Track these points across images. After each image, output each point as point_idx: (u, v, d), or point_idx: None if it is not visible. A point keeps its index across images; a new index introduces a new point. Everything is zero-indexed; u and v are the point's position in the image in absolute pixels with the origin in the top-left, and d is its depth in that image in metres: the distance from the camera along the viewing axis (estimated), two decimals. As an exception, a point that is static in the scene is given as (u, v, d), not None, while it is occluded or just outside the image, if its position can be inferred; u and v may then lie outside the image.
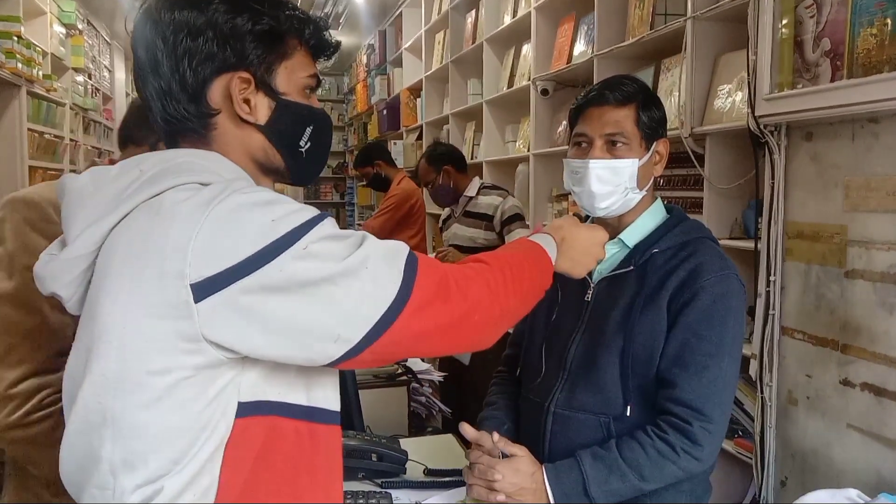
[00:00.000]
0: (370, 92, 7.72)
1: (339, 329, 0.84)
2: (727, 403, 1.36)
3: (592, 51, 2.99)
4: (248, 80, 0.94)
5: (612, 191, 1.41)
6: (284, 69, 0.97)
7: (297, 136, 0.99)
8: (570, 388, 1.42)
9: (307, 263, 0.82)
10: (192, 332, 0.80)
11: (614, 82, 1.45)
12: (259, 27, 0.94)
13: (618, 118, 1.41)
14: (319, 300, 0.83)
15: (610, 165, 1.40)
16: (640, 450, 1.31)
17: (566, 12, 3.43)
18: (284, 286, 0.81)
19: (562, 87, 3.55)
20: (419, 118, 6.02)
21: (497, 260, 1.02)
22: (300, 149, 1.00)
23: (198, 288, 0.79)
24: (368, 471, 1.63)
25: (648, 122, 1.42)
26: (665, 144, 1.47)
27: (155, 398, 0.82)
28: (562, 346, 1.46)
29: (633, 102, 1.41)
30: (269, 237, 0.81)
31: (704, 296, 1.33)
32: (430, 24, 5.63)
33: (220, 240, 0.81)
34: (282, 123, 0.98)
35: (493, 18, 4.32)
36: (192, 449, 0.83)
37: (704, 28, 2.30)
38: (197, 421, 0.83)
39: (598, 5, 2.94)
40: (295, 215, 0.84)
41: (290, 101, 0.98)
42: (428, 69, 5.69)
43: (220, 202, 0.82)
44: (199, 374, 0.83)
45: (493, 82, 4.35)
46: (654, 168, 1.46)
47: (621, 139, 1.40)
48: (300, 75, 0.99)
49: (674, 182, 2.51)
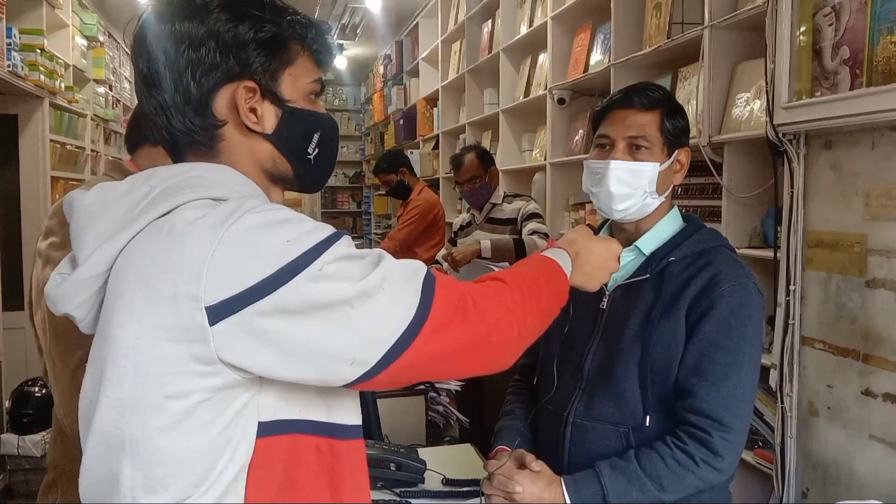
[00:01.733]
0: (387, 102, 7.76)
1: (355, 352, 0.82)
2: (747, 413, 1.35)
3: (609, 60, 2.99)
4: (253, 89, 0.93)
5: (631, 193, 1.41)
6: (289, 76, 0.95)
7: (304, 142, 0.98)
8: (588, 397, 1.42)
9: (323, 285, 0.81)
10: (208, 355, 0.79)
11: (640, 87, 1.45)
12: (261, 35, 0.92)
13: (642, 122, 1.41)
14: (335, 323, 0.81)
15: (630, 167, 1.40)
16: (660, 461, 1.31)
17: (582, 21, 3.44)
18: (300, 309, 0.80)
19: (578, 96, 3.56)
20: (435, 128, 6.04)
21: (514, 278, 1.00)
22: (308, 155, 0.98)
23: (213, 311, 0.78)
24: (387, 480, 1.63)
25: (672, 130, 1.42)
26: (686, 154, 1.47)
27: (173, 422, 0.81)
28: (578, 354, 1.45)
29: (658, 108, 1.42)
30: (284, 259, 0.80)
31: (723, 305, 1.33)
32: (446, 34, 5.66)
33: (235, 262, 0.80)
34: (289, 131, 0.96)
35: (510, 28, 4.33)
36: (214, 471, 0.82)
37: (722, 36, 2.29)
38: (217, 443, 0.82)
39: (614, 14, 2.95)
40: (310, 235, 0.83)
41: (296, 108, 0.96)
42: (444, 79, 5.71)
43: (234, 222, 0.81)
44: (217, 396, 0.82)
45: (509, 92, 4.36)
46: (675, 176, 1.46)
47: (644, 143, 1.40)
48: (305, 81, 0.97)
49: (692, 191, 2.50)
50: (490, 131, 4.87)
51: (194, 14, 0.90)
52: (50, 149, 4.40)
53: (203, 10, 0.90)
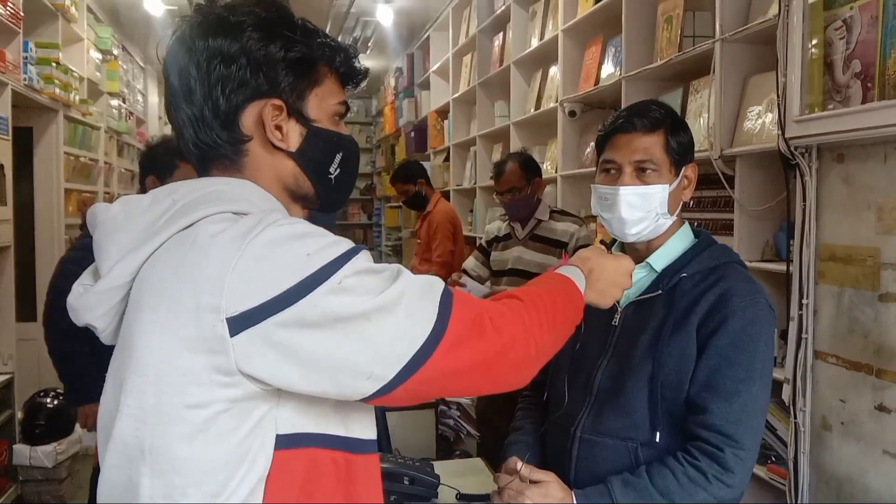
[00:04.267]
0: (398, 114, 7.79)
1: (372, 366, 0.83)
2: (758, 429, 1.35)
3: (620, 73, 3.00)
4: (280, 108, 0.95)
5: (643, 217, 1.40)
6: (315, 96, 0.97)
7: (327, 162, 0.99)
8: (596, 413, 1.41)
9: (342, 298, 0.82)
10: (228, 366, 0.81)
11: (642, 108, 1.45)
12: (291, 55, 0.94)
13: (647, 145, 1.41)
14: (354, 337, 0.82)
15: (640, 192, 1.40)
16: (671, 476, 1.30)
17: (593, 35, 3.44)
18: (319, 322, 0.81)
19: (589, 109, 3.56)
20: (446, 140, 6.05)
21: (530, 296, 1.00)
22: (330, 175, 1.00)
23: (233, 322, 0.80)
24: (400, 494, 1.63)
25: (677, 148, 1.42)
26: (693, 169, 1.47)
27: (193, 431, 0.82)
28: (588, 370, 1.45)
29: (661, 128, 1.41)
30: (305, 271, 0.81)
31: (734, 321, 1.32)
32: (457, 47, 5.68)
33: (256, 274, 0.81)
34: (313, 150, 0.98)
35: (521, 41, 4.35)
36: (232, 482, 0.83)
37: (733, 50, 2.29)
38: (236, 453, 0.83)
39: (625, 28, 2.95)
40: (330, 249, 0.84)
41: (320, 129, 0.98)
42: (455, 92, 5.74)
43: (256, 235, 0.82)
44: (236, 407, 0.83)
45: (520, 104, 4.37)
46: (683, 193, 1.46)
47: (651, 166, 1.40)
48: (330, 102, 0.99)
49: (703, 204, 2.49)
50: (501, 144, 4.87)
51: (227, 31, 0.93)
52: (64, 161, 4.45)
53: (236, 27, 0.93)
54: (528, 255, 3.10)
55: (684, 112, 2.63)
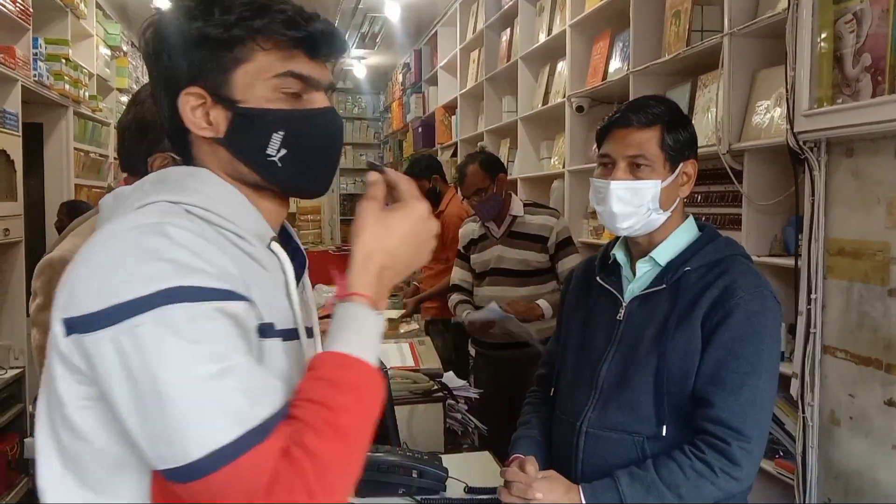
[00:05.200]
0: (405, 110, 7.79)
1: (158, 445, 0.74)
2: (765, 422, 1.35)
3: (628, 67, 2.99)
4: (201, 95, 0.89)
5: (633, 211, 1.41)
6: (244, 74, 0.88)
7: (261, 145, 0.89)
8: (602, 407, 1.42)
9: (164, 336, 0.73)
10: (68, 364, 0.78)
11: (640, 104, 1.46)
12: (204, 36, 0.87)
13: (641, 140, 1.41)
14: (162, 392, 0.73)
15: (631, 186, 1.41)
16: (678, 470, 1.30)
17: (601, 30, 3.44)
18: (135, 350, 0.74)
19: (597, 104, 3.55)
20: (454, 135, 6.05)
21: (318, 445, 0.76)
22: (270, 158, 0.89)
23: (66, 323, 0.77)
24: (409, 487, 1.64)
25: (674, 145, 1.42)
26: (693, 165, 1.47)
27: (72, 425, 0.81)
28: (593, 364, 1.45)
29: (657, 124, 1.42)
30: (124, 295, 0.74)
31: (739, 314, 1.33)
32: (465, 42, 5.68)
33: (87, 282, 0.77)
34: (240, 134, 0.89)
35: (528, 36, 4.34)
36: (133, 478, 0.81)
37: (742, 44, 2.29)
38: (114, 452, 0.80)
39: (633, 22, 2.95)
40: (181, 276, 0.76)
41: (248, 109, 0.88)
42: (463, 87, 5.73)
43: (114, 239, 0.79)
44: (97, 406, 0.79)
45: (527, 99, 4.37)
46: (681, 189, 1.46)
47: (643, 161, 1.41)
48: (266, 77, 0.88)
49: (711, 198, 2.49)
50: (508, 139, 4.87)
51: (157, 25, 0.91)
52: (74, 157, 4.47)
53: (162, 22, 0.91)
54: (508, 254, 3.05)
55: (692, 107, 2.62)
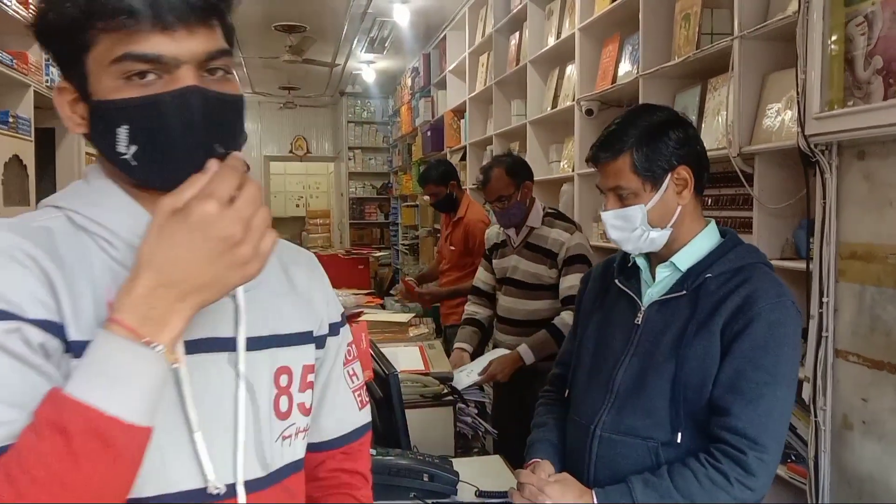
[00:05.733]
0: (414, 114, 7.81)
1: None
2: (782, 433, 1.34)
3: (637, 71, 2.99)
4: (67, 89, 0.81)
5: (629, 236, 1.45)
6: (93, 63, 0.77)
7: (111, 142, 0.78)
8: (617, 411, 1.42)
9: None
10: None
11: (605, 137, 1.48)
12: (49, 24, 0.78)
13: (615, 171, 1.44)
14: None
15: (620, 214, 1.45)
16: (693, 478, 1.30)
17: (610, 33, 3.44)
18: None
19: (606, 108, 3.55)
20: (463, 139, 6.06)
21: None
22: (123, 156, 0.77)
23: None
24: (420, 491, 1.64)
25: (649, 165, 1.42)
26: (686, 170, 1.45)
27: None
28: (609, 368, 1.45)
29: (624, 152, 1.43)
30: None
31: (759, 323, 1.32)
32: (473, 46, 5.69)
33: None
34: (97, 130, 0.80)
35: (537, 40, 4.34)
36: None
37: (752, 47, 2.28)
38: None
39: (642, 26, 2.94)
40: None
41: (97, 102, 0.78)
42: (472, 91, 5.74)
43: None
44: None
45: (536, 103, 4.37)
46: (678, 197, 1.45)
47: (623, 190, 1.44)
48: (106, 63, 0.76)
49: (722, 202, 2.48)
50: (518, 142, 4.87)
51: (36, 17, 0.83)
52: (86, 161, 4.50)
53: (39, 11, 0.82)
54: (522, 265, 2.94)
55: (702, 110, 2.62)
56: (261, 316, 0.88)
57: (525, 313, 2.92)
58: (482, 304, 3.21)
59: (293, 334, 0.93)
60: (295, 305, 0.95)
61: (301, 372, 0.93)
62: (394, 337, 3.49)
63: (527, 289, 2.93)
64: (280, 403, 0.90)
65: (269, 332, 0.89)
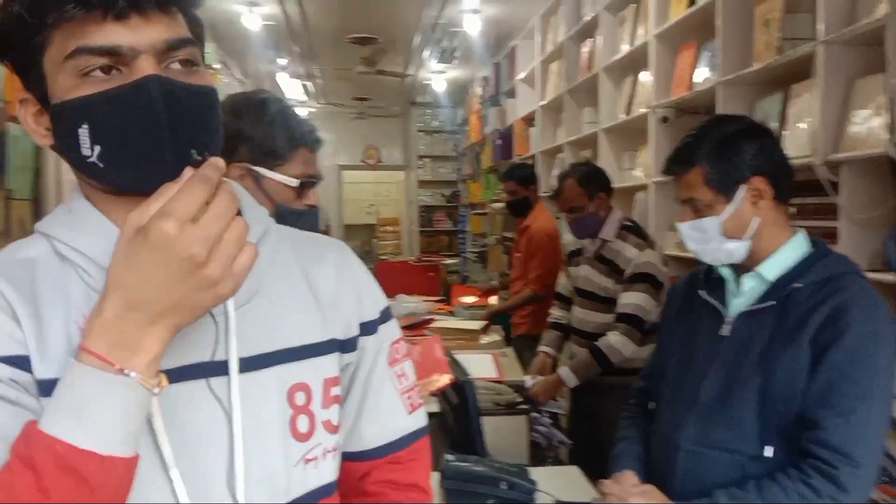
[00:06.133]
0: (483, 123, 7.85)
1: None
2: (877, 448, 1.30)
3: (715, 77, 2.94)
4: (30, 101, 0.76)
5: (706, 248, 1.45)
6: (49, 64, 0.72)
7: (74, 145, 0.72)
8: (702, 424, 1.40)
9: None
10: None
11: (677, 150, 1.50)
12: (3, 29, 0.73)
13: (688, 184, 1.46)
14: None
15: (695, 226, 1.45)
16: (782, 493, 1.27)
17: (686, 39, 3.39)
18: None
19: (682, 115, 3.50)
20: (532, 147, 6.06)
21: None
22: (88, 159, 0.71)
23: None
24: (497, 498, 1.65)
25: (720, 177, 1.42)
26: (761, 181, 1.43)
27: None
28: (694, 380, 1.44)
29: (695, 165, 1.44)
30: None
31: (851, 334, 1.29)
32: (544, 55, 5.69)
33: None
34: (58, 136, 0.74)
35: (610, 47, 4.31)
36: None
37: (837, 52, 2.22)
38: None
39: (720, 32, 2.90)
40: None
41: (55, 105, 0.73)
42: (542, 99, 5.74)
43: None
44: None
45: (609, 110, 4.34)
46: (755, 209, 1.43)
47: (697, 203, 1.44)
48: (60, 60, 0.71)
49: (805, 211, 2.42)
50: (589, 150, 4.84)
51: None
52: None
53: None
54: (594, 277, 2.88)
55: (784, 117, 2.56)
56: (263, 331, 0.81)
57: (594, 326, 2.87)
58: (566, 308, 3.16)
59: (308, 346, 0.85)
60: (311, 313, 0.87)
61: (322, 386, 0.85)
62: (465, 344, 3.53)
63: (597, 301, 2.89)
64: (298, 424, 0.82)
65: (275, 348, 0.82)
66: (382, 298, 0.97)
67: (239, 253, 0.66)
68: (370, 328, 0.93)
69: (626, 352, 2.65)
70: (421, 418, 0.98)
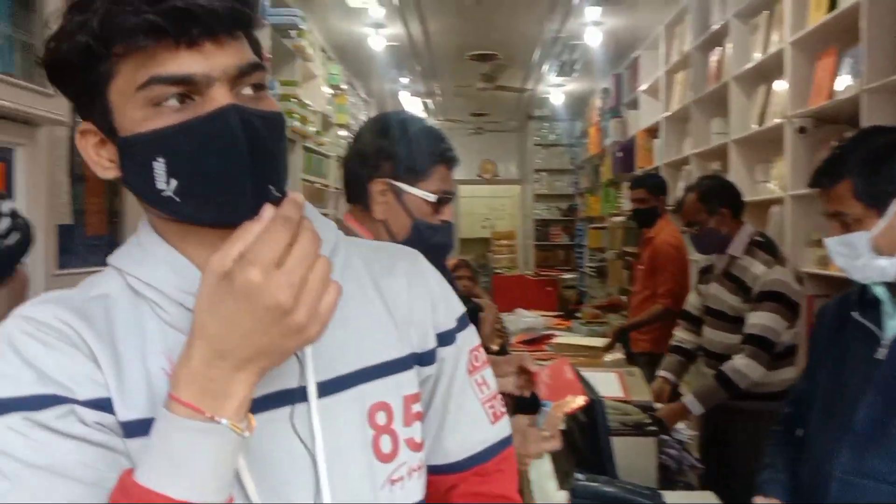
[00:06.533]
0: (603, 135, 7.75)
1: None
2: None
3: (859, 85, 2.78)
4: (91, 132, 0.74)
5: (854, 264, 1.38)
6: (116, 94, 0.70)
7: (148, 180, 0.70)
8: (857, 452, 1.32)
9: None
10: None
11: (825, 162, 1.44)
12: (62, 56, 0.70)
13: (836, 197, 1.39)
14: None
15: (843, 241, 1.39)
16: None
17: (826, 46, 3.22)
18: None
19: (822, 125, 3.33)
20: (655, 159, 5.92)
21: None
22: (163, 193, 0.70)
23: None
24: (628, 520, 1.62)
25: (871, 191, 1.35)
26: None
27: None
28: (848, 406, 1.36)
29: (845, 178, 1.37)
30: None
31: None
32: (669, 65, 5.55)
33: None
34: (130, 172, 0.72)
35: (741, 56, 4.16)
36: None
37: None
38: None
39: (865, 37, 2.74)
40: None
41: (126, 138, 0.71)
42: (667, 110, 5.60)
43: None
44: None
45: (740, 121, 4.18)
46: None
47: (845, 217, 1.38)
48: (131, 91, 0.69)
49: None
50: (718, 162, 4.68)
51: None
52: (301, 187, 4.91)
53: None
54: (722, 295, 2.76)
55: (941, 125, 2.38)
56: (339, 353, 0.79)
57: (724, 347, 2.74)
58: (691, 329, 3.04)
59: (386, 363, 0.83)
60: (386, 329, 0.84)
61: (402, 404, 0.83)
62: (588, 362, 3.47)
63: (726, 320, 2.76)
64: (381, 444, 0.80)
65: (352, 369, 0.80)
66: (458, 305, 0.94)
67: (324, 292, 0.63)
68: (448, 338, 0.90)
69: (754, 376, 2.52)
70: (505, 427, 0.96)
